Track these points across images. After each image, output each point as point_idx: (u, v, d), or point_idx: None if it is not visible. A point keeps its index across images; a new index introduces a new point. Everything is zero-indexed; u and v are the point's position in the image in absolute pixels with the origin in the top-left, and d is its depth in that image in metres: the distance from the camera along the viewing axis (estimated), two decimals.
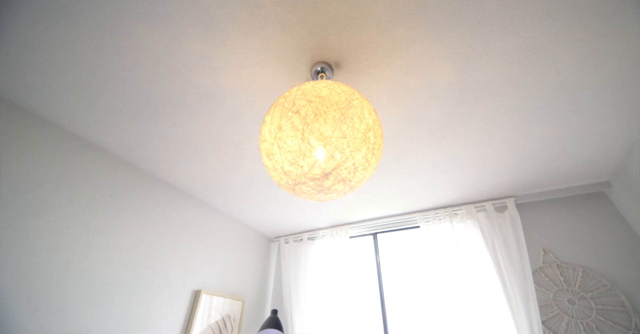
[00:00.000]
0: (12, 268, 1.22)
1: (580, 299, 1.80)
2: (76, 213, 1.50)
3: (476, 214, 2.27)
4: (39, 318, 1.23)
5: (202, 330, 1.98)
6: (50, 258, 1.34)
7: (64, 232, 1.43)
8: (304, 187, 0.86)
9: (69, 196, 1.49)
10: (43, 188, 1.39)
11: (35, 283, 1.27)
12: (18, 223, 1.28)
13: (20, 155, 1.36)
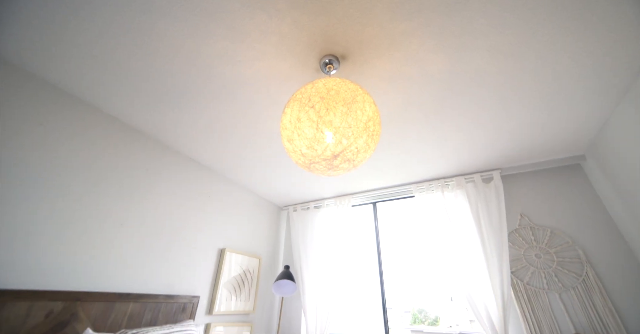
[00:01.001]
0: (84, 227, 1.53)
1: (545, 254, 2.14)
2: (124, 186, 1.78)
3: (465, 185, 2.55)
4: (101, 266, 1.57)
5: (228, 280, 2.39)
6: (109, 221, 1.65)
7: (117, 201, 1.72)
8: (317, 165, 1.11)
9: (116, 173, 1.76)
10: (92, 170, 1.66)
11: (99, 238, 1.59)
12: (84, 197, 1.57)
13: (73, 139, 1.60)
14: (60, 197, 1.47)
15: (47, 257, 1.35)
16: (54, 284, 1.34)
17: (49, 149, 1.49)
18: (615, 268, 1.93)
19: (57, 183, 1.47)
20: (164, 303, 1.75)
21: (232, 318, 2.36)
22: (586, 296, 1.92)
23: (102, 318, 1.43)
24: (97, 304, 1.42)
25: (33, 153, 1.42)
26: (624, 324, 1.78)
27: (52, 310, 1.26)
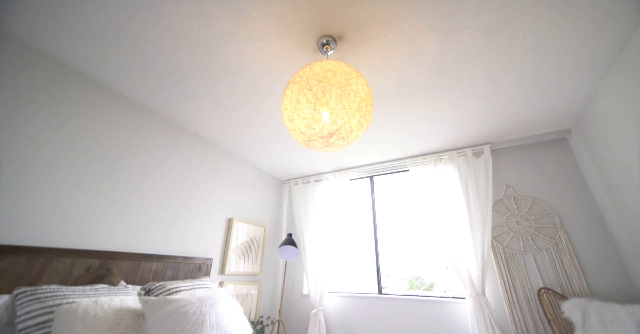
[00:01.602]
0: (108, 197, 1.71)
1: (525, 221, 2.36)
2: (138, 160, 1.94)
3: (457, 159, 2.70)
4: (127, 230, 1.79)
5: (236, 245, 2.65)
6: (129, 191, 1.83)
7: (133, 174, 1.89)
8: (315, 143, 1.25)
9: (130, 148, 1.91)
10: (108, 146, 1.80)
11: (121, 206, 1.78)
12: (105, 170, 1.73)
13: (89, 116, 1.72)
14: (84, 170, 1.63)
15: (81, 222, 1.55)
16: (90, 245, 1.55)
17: (69, 126, 1.61)
18: (584, 233, 2.14)
19: (78, 157, 1.62)
20: (182, 263, 2.00)
21: (242, 277, 2.66)
22: (557, 257, 2.16)
23: (132, 273, 1.67)
24: (127, 262, 1.65)
25: (54, 130, 1.55)
26: (586, 280, 2.04)
27: (91, 265, 1.49)
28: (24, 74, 1.48)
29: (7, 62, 1.42)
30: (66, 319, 0.98)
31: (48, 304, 1.04)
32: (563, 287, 2.07)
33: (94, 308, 1.06)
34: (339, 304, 2.76)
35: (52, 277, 1.33)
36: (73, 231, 1.51)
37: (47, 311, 1.02)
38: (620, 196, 1.89)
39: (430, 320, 2.37)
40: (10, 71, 1.43)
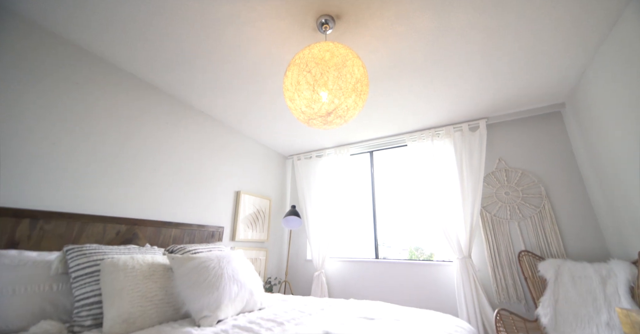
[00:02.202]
0: (128, 170, 1.89)
1: (513, 192, 2.52)
2: (151, 136, 2.08)
3: (453, 134, 2.80)
4: (147, 201, 1.99)
5: (244, 216, 2.88)
6: (145, 166, 2.01)
7: (147, 149, 2.05)
8: (314, 121, 1.38)
9: (141, 125, 2.04)
10: (122, 123, 1.93)
11: (140, 179, 1.97)
12: (124, 146, 1.88)
13: (104, 96, 1.83)
14: (104, 146, 1.79)
15: (108, 192, 1.75)
16: (117, 213, 1.76)
17: (88, 106, 1.74)
18: (567, 202, 2.31)
19: (98, 134, 1.77)
20: (197, 230, 2.23)
21: (251, 244, 2.93)
22: (539, 223, 2.35)
23: (154, 238, 1.89)
24: (150, 228, 1.87)
25: (75, 109, 1.67)
26: (563, 243, 2.24)
27: (120, 230, 1.70)
28: (48, 58, 1.58)
29: (32, 49, 1.51)
30: (110, 270, 1.19)
31: (93, 258, 1.25)
32: (542, 250, 2.29)
33: (131, 261, 1.27)
34: (339, 268, 3.05)
35: (89, 238, 1.55)
36: (102, 200, 1.71)
37: (93, 264, 1.23)
38: (601, 168, 2.02)
39: (421, 281, 2.64)
40: (36, 58, 1.53)
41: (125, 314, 1.11)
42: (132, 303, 1.15)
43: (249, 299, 1.48)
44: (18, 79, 1.46)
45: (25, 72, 1.49)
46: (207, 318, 1.23)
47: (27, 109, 1.47)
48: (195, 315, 1.24)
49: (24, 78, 1.48)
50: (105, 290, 1.15)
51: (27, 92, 1.49)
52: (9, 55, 1.44)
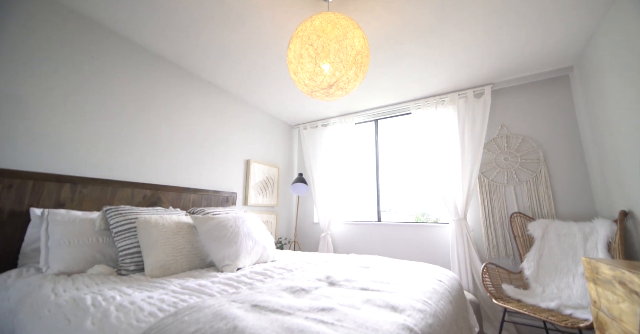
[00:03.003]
0: (148, 141, 2.04)
1: (512, 157, 2.60)
2: (163, 107, 2.19)
3: (457, 101, 2.81)
4: (166, 168, 2.17)
5: (255, 183, 3.07)
6: (159, 134, 2.15)
7: (162, 119, 2.17)
8: (317, 93, 1.46)
9: (154, 96, 2.14)
10: (137, 94, 2.03)
11: (159, 149, 2.13)
12: (138, 116, 2.01)
13: (119, 69, 1.91)
14: (123, 117, 1.92)
15: (134, 161, 1.93)
16: (142, 179, 1.96)
17: (104, 80, 1.83)
18: (563, 167, 2.39)
19: (116, 106, 1.89)
20: (213, 195, 2.44)
21: (262, 208, 3.17)
22: (534, 187, 2.47)
23: (176, 201, 2.11)
24: (171, 193, 2.08)
25: (92, 82, 1.77)
26: (555, 205, 2.38)
27: (146, 194, 1.91)
28: (68, 35, 1.64)
29: (55, 28, 1.57)
30: (145, 227, 1.40)
31: (128, 217, 1.45)
32: (534, 212, 2.44)
33: (161, 220, 1.48)
34: (344, 230, 3.30)
35: (120, 201, 1.76)
36: (128, 168, 1.90)
37: (129, 222, 1.44)
38: (599, 132, 2.06)
39: (419, 241, 2.87)
40: (58, 35, 1.59)
41: (161, 262, 1.33)
42: (166, 253, 1.38)
43: (262, 253, 1.71)
44: (47, 57, 1.55)
45: (45, 47, 1.57)
46: (229, 265, 1.46)
47: (56, 83, 1.59)
48: (218, 264, 1.47)
49: (50, 55, 1.56)
50: (142, 243, 1.36)
51: (52, 67, 1.58)
52: (38, 37, 1.51)
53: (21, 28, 1.49)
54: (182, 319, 0.71)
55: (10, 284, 1.08)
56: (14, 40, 1.46)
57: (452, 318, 0.99)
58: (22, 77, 1.48)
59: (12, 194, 1.32)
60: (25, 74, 1.49)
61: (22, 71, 1.48)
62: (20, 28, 1.49)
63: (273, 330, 0.65)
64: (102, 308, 0.84)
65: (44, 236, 1.26)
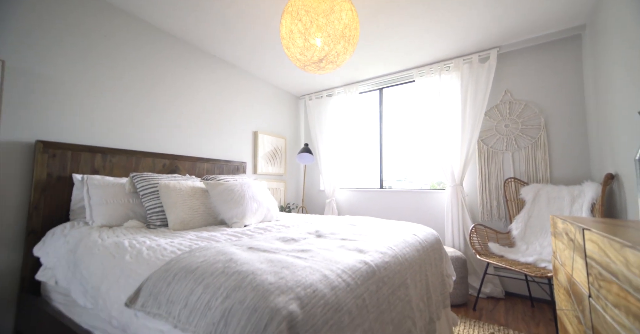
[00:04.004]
0: (161, 115, 2.25)
1: (513, 124, 2.61)
2: (175, 81, 2.36)
3: (462, 66, 2.76)
4: (181, 140, 2.40)
5: (263, 153, 3.28)
6: (171, 108, 2.35)
7: (172, 93, 2.35)
8: (309, 67, 1.55)
9: (165, 71, 2.30)
10: (149, 70, 2.19)
11: (174, 123, 2.34)
12: (150, 92, 2.19)
13: (130, 47, 2.06)
14: (138, 92, 2.11)
15: (154, 133, 2.17)
16: (161, 150, 2.22)
17: (117, 58, 2.00)
18: (564, 133, 2.40)
19: (131, 82, 2.07)
20: (224, 164, 2.69)
21: (271, 177, 3.42)
22: (532, 153, 2.52)
23: (191, 169, 2.37)
24: (187, 162, 2.33)
25: (104, 59, 1.94)
26: (550, 170, 2.44)
27: (165, 163, 2.17)
28: (87, 17, 1.78)
29: (75, 11, 1.71)
30: (165, 190, 1.65)
31: (151, 182, 1.71)
32: (529, 177, 2.52)
33: (178, 185, 1.73)
34: (348, 196, 3.53)
35: (144, 169, 2.03)
36: (148, 139, 2.15)
37: (152, 186, 1.70)
38: (601, 95, 2.03)
39: (417, 206, 3.05)
40: (77, 18, 1.74)
41: (180, 219, 1.60)
42: (184, 212, 1.64)
43: (266, 213, 1.96)
44: (72, 41, 1.71)
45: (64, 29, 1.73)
46: (237, 223, 1.72)
47: (80, 64, 1.78)
48: (228, 221, 1.73)
49: (73, 39, 1.73)
50: (164, 203, 1.63)
51: (75, 48, 1.76)
52: (65, 21, 1.66)
53: (47, 14, 1.64)
54: (193, 255, 0.95)
55: (67, 233, 1.38)
56: (42, 25, 1.63)
57: (415, 262, 1.19)
58: (51, 58, 1.68)
59: (56, 162, 1.59)
60: (53, 56, 1.69)
61: (50, 53, 1.68)
62: (46, 14, 1.64)
63: (258, 260, 0.87)
64: (136, 248, 1.10)
65: (87, 197, 1.55)
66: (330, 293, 0.72)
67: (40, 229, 1.51)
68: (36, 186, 1.51)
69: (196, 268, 0.83)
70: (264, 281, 0.71)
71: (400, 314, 0.94)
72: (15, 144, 1.52)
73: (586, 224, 0.90)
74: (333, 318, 0.67)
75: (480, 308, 2.24)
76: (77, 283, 1.10)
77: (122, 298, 0.89)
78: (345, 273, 0.83)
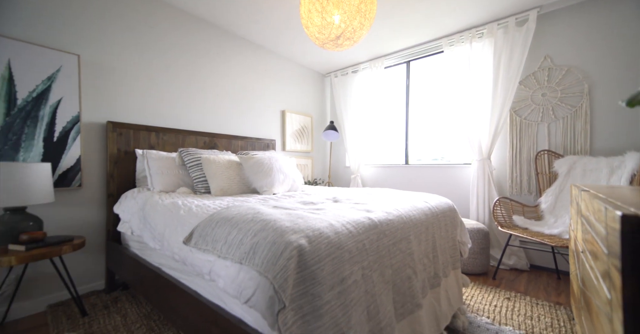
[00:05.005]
0: (201, 99, 2.53)
1: (552, 92, 2.44)
2: (207, 64, 2.60)
3: (496, 32, 2.60)
4: (218, 119, 2.68)
5: (291, 132, 3.48)
6: (209, 91, 2.62)
7: (209, 77, 2.61)
8: (327, 45, 1.64)
9: (200, 60, 2.54)
10: (188, 59, 2.44)
11: (210, 103, 2.61)
12: (189, 76, 2.46)
13: (174, 37, 2.31)
14: (182, 78, 2.39)
15: (196, 114, 2.47)
16: (203, 129, 2.53)
17: (162, 46, 2.27)
18: (610, 100, 2.21)
19: (178, 69, 2.35)
20: (256, 142, 2.94)
21: (299, 153, 3.63)
22: (570, 124, 2.37)
23: (227, 146, 2.66)
24: (224, 140, 2.62)
25: (152, 49, 2.22)
26: (591, 142, 2.29)
27: (205, 141, 2.48)
28: (131, 10, 2.05)
29: (128, 7, 1.98)
30: (207, 162, 1.94)
31: (195, 156, 2.01)
32: (566, 149, 2.39)
33: (218, 159, 2.00)
34: (373, 172, 3.63)
35: (189, 145, 2.35)
36: (191, 119, 2.47)
37: (196, 159, 1.99)
38: None
39: (442, 180, 3.06)
40: (127, 11, 2.01)
41: (220, 186, 1.88)
42: (223, 181, 1.92)
43: (292, 184, 2.18)
44: (129, 34, 2.00)
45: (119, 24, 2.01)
46: (266, 191, 1.96)
47: (136, 54, 2.07)
48: (259, 189, 1.99)
49: (130, 32, 2.02)
50: (207, 174, 1.92)
51: (130, 41, 2.05)
52: (124, 18, 1.95)
53: (107, 11, 1.94)
54: (230, 209, 1.18)
55: (135, 196, 1.74)
56: (104, 22, 1.94)
57: (422, 223, 1.32)
58: (113, 51, 2.00)
59: (123, 139, 1.95)
60: (114, 49, 2.01)
61: (112, 46, 2.00)
62: (107, 12, 1.94)
63: (279, 214, 1.07)
64: (187, 206, 1.38)
65: (147, 168, 1.89)
66: (333, 236, 0.89)
67: (116, 193, 1.91)
68: (110, 159, 1.89)
69: (232, 217, 1.06)
70: (282, 225, 0.91)
71: (400, 262, 1.10)
72: (93, 125, 1.89)
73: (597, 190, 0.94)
74: (335, 253, 0.85)
75: (501, 278, 2.30)
76: (147, 231, 1.42)
77: (180, 239, 1.17)
78: (349, 223, 0.99)
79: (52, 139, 1.70)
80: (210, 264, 1.00)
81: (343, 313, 0.80)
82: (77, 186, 1.80)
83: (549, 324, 1.60)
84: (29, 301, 1.63)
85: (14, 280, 1.56)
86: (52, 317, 1.58)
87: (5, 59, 1.54)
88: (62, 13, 1.76)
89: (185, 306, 1.16)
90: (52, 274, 1.71)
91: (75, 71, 1.78)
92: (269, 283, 0.76)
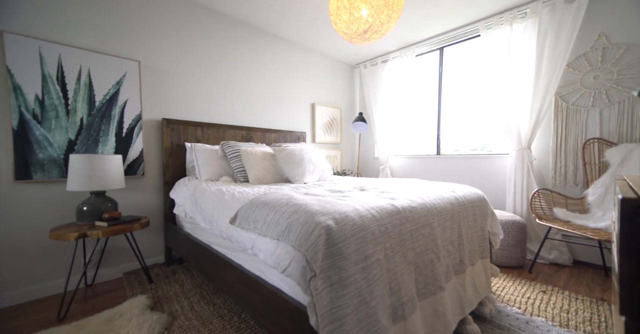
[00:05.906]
0: (239, 92, 2.74)
1: (606, 74, 2.23)
2: (245, 62, 2.79)
3: (541, 11, 2.42)
4: (253, 114, 2.87)
5: (321, 124, 3.58)
6: (245, 87, 2.81)
7: (245, 74, 2.80)
8: (355, 39, 1.70)
9: (236, 57, 2.73)
10: (226, 58, 2.64)
11: (248, 99, 2.81)
12: (232, 76, 2.67)
13: (215, 40, 2.52)
14: (221, 76, 2.61)
15: (235, 110, 2.69)
16: (240, 123, 2.75)
17: (206, 49, 2.50)
18: None
19: (212, 68, 2.57)
20: (288, 134, 3.10)
21: (328, 145, 3.74)
22: (628, 108, 2.15)
23: (262, 138, 2.86)
24: (259, 133, 2.82)
25: (196, 52, 2.45)
26: None
27: (242, 134, 2.69)
28: (176, 16, 2.29)
29: (174, 14, 2.23)
30: (245, 154, 2.13)
31: (235, 148, 2.21)
32: (620, 136, 2.19)
33: (254, 150, 2.19)
34: (403, 163, 3.61)
35: (229, 138, 2.58)
36: (230, 115, 2.70)
37: (236, 151, 2.20)
38: None
39: (476, 172, 2.96)
40: (173, 18, 2.26)
41: (257, 176, 2.07)
42: (259, 171, 2.10)
43: (322, 174, 2.30)
44: (176, 41, 2.25)
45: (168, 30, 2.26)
46: (298, 180, 2.11)
47: (181, 57, 2.32)
48: (291, 179, 2.14)
49: (176, 40, 2.26)
50: (245, 164, 2.11)
51: (176, 46, 2.30)
52: (173, 26, 2.20)
53: (158, 20, 2.19)
54: (267, 196, 1.34)
55: (187, 183, 2.00)
56: (157, 30, 2.20)
57: (447, 212, 1.36)
58: (165, 56, 2.27)
59: (175, 134, 2.23)
60: (166, 54, 2.27)
61: (164, 52, 2.26)
62: (158, 21, 2.18)
63: (310, 199, 1.19)
64: (230, 192, 1.58)
65: (195, 159, 2.15)
66: (358, 219, 1.00)
67: (171, 181, 2.21)
68: (165, 151, 2.18)
69: (269, 201, 1.21)
70: (312, 209, 1.03)
71: (422, 247, 1.17)
72: (151, 121, 2.19)
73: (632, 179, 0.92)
74: (359, 234, 0.96)
75: (538, 272, 2.23)
76: (198, 213, 1.65)
77: (226, 220, 1.36)
78: (373, 209, 1.09)
79: (122, 135, 2.02)
80: (252, 241, 1.17)
81: (366, 286, 0.90)
82: (141, 174, 2.12)
83: (587, 319, 1.56)
84: (110, 268, 2.00)
85: (99, 251, 1.92)
86: (127, 282, 1.93)
87: (86, 69, 1.85)
88: (124, 24, 2.03)
89: (231, 276, 1.35)
90: (125, 248, 2.06)
91: (136, 75, 2.07)
92: (302, 256, 0.89)
